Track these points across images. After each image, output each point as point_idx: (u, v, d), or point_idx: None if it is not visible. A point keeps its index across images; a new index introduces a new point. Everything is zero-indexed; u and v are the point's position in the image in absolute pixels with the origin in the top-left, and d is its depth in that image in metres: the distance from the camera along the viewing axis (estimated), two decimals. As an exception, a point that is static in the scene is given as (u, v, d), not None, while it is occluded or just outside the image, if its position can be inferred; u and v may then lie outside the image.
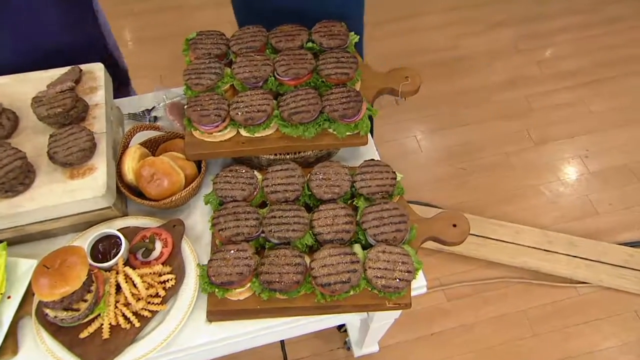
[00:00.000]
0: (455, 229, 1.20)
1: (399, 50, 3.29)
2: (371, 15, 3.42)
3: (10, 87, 1.30)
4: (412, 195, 2.59)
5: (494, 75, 3.18)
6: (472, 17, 3.50)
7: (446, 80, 3.14)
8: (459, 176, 2.73)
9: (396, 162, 2.74)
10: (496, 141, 2.86)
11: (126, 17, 3.34)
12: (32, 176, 1.13)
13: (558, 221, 2.57)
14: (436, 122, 2.95)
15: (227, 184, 1.19)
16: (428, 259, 2.40)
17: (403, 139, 2.87)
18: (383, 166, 1.22)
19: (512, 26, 3.44)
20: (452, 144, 2.86)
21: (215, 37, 1.34)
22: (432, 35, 3.39)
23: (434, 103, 3.01)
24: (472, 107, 3.01)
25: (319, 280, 1.05)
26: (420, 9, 3.57)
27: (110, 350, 1.04)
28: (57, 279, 0.98)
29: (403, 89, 1.32)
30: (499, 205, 2.61)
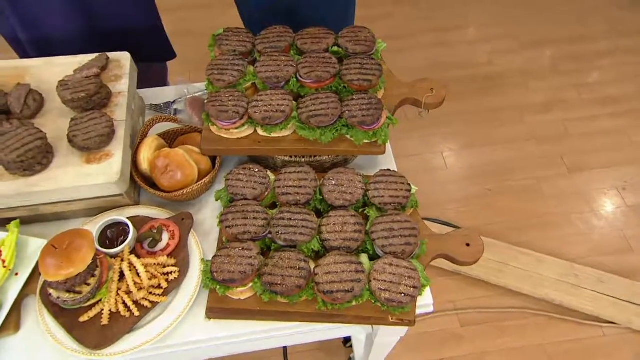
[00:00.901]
0: (468, 249, 1.19)
1: (430, 63, 3.30)
2: (404, 26, 3.48)
3: (40, 69, 1.37)
4: (433, 213, 2.58)
5: (529, 96, 3.15)
6: (509, 34, 3.49)
7: (478, 97, 3.12)
8: (485, 197, 2.70)
9: (419, 177, 2.74)
10: (527, 164, 2.82)
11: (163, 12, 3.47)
12: (51, 157, 1.18)
13: (587, 254, 2.51)
14: (464, 139, 2.93)
15: (239, 181, 1.22)
16: (443, 279, 2.38)
17: (428, 153, 2.86)
18: (398, 177, 1.23)
19: (552, 46, 3.41)
20: (479, 164, 2.84)
21: (242, 34, 1.38)
22: (466, 49, 3.39)
23: (464, 120, 3.00)
24: (503, 127, 2.99)
25: (321, 287, 1.06)
26: (455, 22, 3.57)
27: (108, 337, 1.07)
28: (63, 259, 1.03)
29: (427, 100, 1.34)
30: (525, 232, 2.57)
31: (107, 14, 1.51)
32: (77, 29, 1.50)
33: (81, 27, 1.50)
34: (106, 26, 1.53)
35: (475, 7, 3.68)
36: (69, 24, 1.48)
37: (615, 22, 3.55)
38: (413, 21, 3.58)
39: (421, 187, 2.68)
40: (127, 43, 1.45)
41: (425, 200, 2.59)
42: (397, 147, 2.80)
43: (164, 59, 1.84)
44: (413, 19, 3.60)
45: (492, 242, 2.51)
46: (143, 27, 1.59)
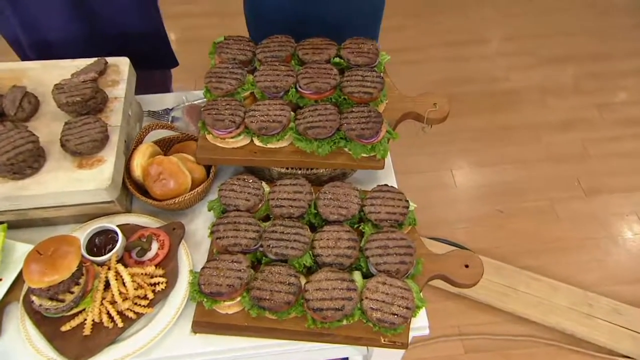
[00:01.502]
0: (467, 270, 1.19)
1: (444, 77, 3.32)
2: (418, 38, 3.51)
3: (38, 72, 1.41)
4: (441, 233, 2.57)
5: (547, 114, 3.14)
6: (528, 49, 3.49)
7: (492, 114, 3.12)
8: (495, 218, 2.68)
9: (427, 194, 2.74)
10: (541, 185, 2.81)
11: (170, 19, 3.54)
12: (42, 161, 1.21)
13: (603, 283, 2.47)
14: (475, 157, 2.93)
15: (232, 192, 1.23)
16: (448, 303, 2.36)
17: (437, 171, 2.86)
18: (396, 193, 1.23)
19: (572, 63, 3.40)
20: (491, 183, 2.83)
21: (243, 42, 1.41)
22: (482, 64, 3.40)
23: (476, 137, 3.00)
24: (518, 145, 2.98)
25: (311, 304, 1.06)
26: (471, 36, 3.59)
27: (89, 348, 1.08)
28: (47, 266, 1.04)
29: (429, 115, 1.34)
30: (536, 256, 2.54)
31: (109, 19, 1.55)
32: (78, 33, 1.54)
33: (82, 30, 1.54)
34: (107, 31, 1.57)
35: (493, 22, 3.70)
36: (69, 27, 1.52)
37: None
38: (427, 34, 3.60)
39: (429, 206, 2.69)
40: (127, 49, 1.49)
41: (433, 219, 2.61)
42: (404, 163, 2.83)
43: (166, 67, 1.88)
44: (427, 31, 3.63)
45: (501, 266, 2.48)
46: (145, 33, 1.63)
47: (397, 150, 2.87)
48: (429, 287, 2.32)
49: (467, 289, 2.35)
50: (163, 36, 1.75)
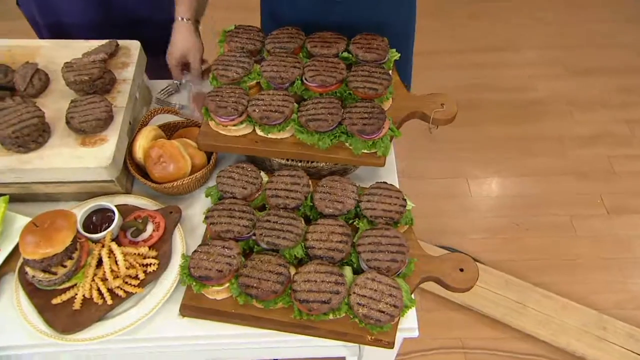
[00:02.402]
0: (461, 274, 1.20)
1: (466, 84, 3.32)
2: (443, 41, 3.52)
3: (51, 50, 1.48)
4: (451, 241, 2.57)
5: (573, 127, 3.11)
6: (557, 59, 3.47)
7: (516, 123, 3.11)
8: (510, 231, 2.67)
9: (440, 202, 2.75)
10: (561, 200, 2.78)
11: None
12: (47, 136, 1.27)
13: (619, 306, 2.44)
14: (494, 166, 2.92)
15: (230, 179, 1.28)
16: (452, 314, 2.36)
17: (452, 178, 2.86)
18: (394, 191, 1.26)
19: (604, 76, 3.37)
20: (508, 194, 2.82)
21: (253, 32, 1.46)
22: (509, 71, 3.39)
23: (496, 145, 3.00)
24: (540, 157, 2.96)
25: (298, 295, 1.10)
26: (500, 41, 3.58)
27: (77, 322, 1.13)
28: (42, 238, 1.10)
29: (435, 115, 1.36)
30: (550, 273, 2.52)
31: (123, 5, 1.61)
32: (93, 17, 1.61)
33: (97, 15, 1.61)
34: (121, 16, 1.63)
35: (524, 29, 3.69)
36: (84, 11, 1.59)
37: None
38: (453, 38, 3.61)
39: (441, 213, 2.70)
40: (141, 35, 1.54)
41: (444, 228, 2.62)
42: (418, 168, 2.85)
43: None
44: (453, 35, 3.63)
45: (512, 280, 2.47)
46: (158, 20, 1.67)
47: (410, 154, 2.92)
48: (432, 296, 2.36)
49: (475, 302, 2.36)
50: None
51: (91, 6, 1.59)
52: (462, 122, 3.05)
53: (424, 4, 3.78)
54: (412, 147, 3.01)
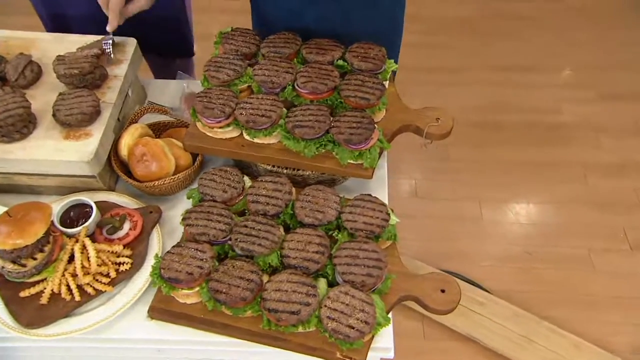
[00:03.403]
0: (443, 295, 1.21)
1: (488, 102, 3.32)
2: (464, 58, 3.53)
3: (47, 43, 1.55)
4: (457, 266, 2.56)
5: (599, 154, 3.08)
6: (587, 82, 3.45)
7: (537, 146, 3.10)
8: (522, 260, 2.64)
9: (449, 224, 2.74)
10: (580, 231, 2.75)
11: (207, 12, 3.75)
12: (32, 128, 1.33)
13: (637, 350, 2.38)
14: (509, 191, 2.90)
15: (212, 182, 1.31)
16: (453, 343, 2.34)
17: (464, 200, 2.85)
18: (378, 204, 1.27)
19: (636, 102, 3.33)
20: (522, 221, 2.79)
21: (249, 36, 1.50)
22: (533, 92, 3.39)
23: (513, 169, 2.98)
24: (560, 184, 2.94)
25: (267, 304, 1.12)
26: (525, 60, 3.58)
27: (43, 317, 1.17)
28: (14, 229, 1.15)
29: (430, 130, 1.38)
30: (562, 308, 2.48)
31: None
32: (95, 12, 1.68)
33: (99, 10, 1.68)
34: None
35: (551, 48, 3.68)
36: (86, 5, 1.66)
37: None
38: (474, 55, 3.63)
39: (450, 237, 2.69)
40: (142, 33, 1.60)
41: (452, 252, 2.61)
42: (429, 188, 2.86)
43: (180, 55, 2.00)
44: (475, 52, 3.65)
45: (519, 312, 2.44)
46: (161, 20, 1.73)
47: (422, 174, 2.92)
48: (433, 323, 2.34)
49: (478, 332, 2.34)
50: (181, 25, 1.88)
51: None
52: (480, 142, 3.08)
53: (449, 21, 3.84)
54: (424, 166, 3.02)
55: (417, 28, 3.77)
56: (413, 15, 3.77)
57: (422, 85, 3.39)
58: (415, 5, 3.87)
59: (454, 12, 3.94)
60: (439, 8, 3.97)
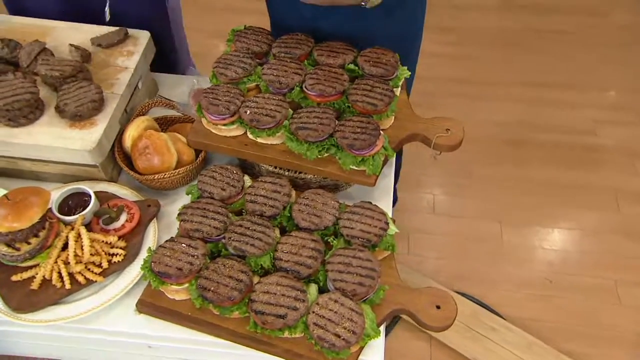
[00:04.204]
0: (438, 312, 1.21)
1: (520, 119, 3.30)
2: (494, 71, 3.52)
3: (63, 31, 1.63)
4: (473, 289, 2.54)
5: (633, 181, 3.02)
6: (625, 104, 3.40)
7: (566, 168, 3.05)
8: (541, 287, 2.60)
9: (467, 244, 2.73)
10: (608, 261, 2.69)
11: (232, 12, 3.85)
12: (38, 114, 1.40)
13: (661, 391, 2.32)
14: (533, 212, 2.87)
15: (211, 179, 1.35)
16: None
17: (484, 219, 2.83)
18: (378, 212, 1.29)
19: (679, 128, 3.26)
20: (545, 246, 2.75)
21: (262, 35, 1.55)
22: (566, 112, 3.35)
23: (539, 190, 2.95)
24: (588, 209, 2.89)
25: (254, 305, 1.14)
26: (562, 79, 3.54)
27: (32, 303, 1.22)
28: (11, 212, 1.20)
29: (438, 140, 1.39)
30: (583, 342, 2.43)
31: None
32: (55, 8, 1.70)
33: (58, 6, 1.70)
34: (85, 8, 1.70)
35: (589, 66, 3.64)
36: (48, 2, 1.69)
37: None
38: (506, 69, 3.61)
39: (467, 256, 2.67)
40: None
41: (466, 272, 2.60)
42: (449, 204, 2.86)
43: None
44: (507, 66, 3.63)
45: (536, 343, 2.40)
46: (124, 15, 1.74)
47: (443, 189, 2.91)
48: (441, 346, 2.32)
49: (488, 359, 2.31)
50: (165, 45, 1.88)
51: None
52: (505, 160, 3.06)
53: (482, 32, 3.83)
54: (445, 181, 3.01)
55: (448, 38, 3.78)
56: (445, 25, 3.82)
57: (449, 97, 3.40)
58: (447, 15, 3.91)
59: (487, 23, 3.94)
60: (472, 19, 3.97)
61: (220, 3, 4.00)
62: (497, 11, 4.05)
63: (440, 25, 3.76)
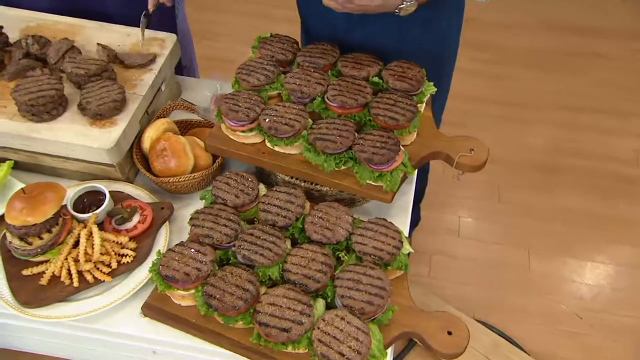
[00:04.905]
0: (449, 338, 1.20)
1: (557, 144, 3.25)
2: (537, 95, 3.49)
3: (92, 31, 1.70)
4: (493, 318, 2.50)
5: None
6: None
7: (603, 198, 3.00)
8: (569, 323, 2.55)
9: (493, 272, 2.70)
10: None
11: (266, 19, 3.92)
12: (61, 110, 1.45)
13: None
14: (564, 243, 2.81)
15: (226, 185, 1.38)
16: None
17: (509, 246, 2.79)
18: (392, 230, 1.29)
19: None
20: (575, 279, 2.70)
21: (287, 43, 1.58)
22: (607, 139, 3.29)
23: (573, 220, 2.90)
24: (626, 244, 2.83)
25: (258, 317, 1.16)
26: (604, 104, 3.49)
27: (40, 298, 1.26)
28: (26, 206, 1.25)
29: (460, 160, 1.39)
30: (610, 384, 2.37)
31: None
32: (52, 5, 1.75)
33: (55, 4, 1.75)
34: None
35: (636, 93, 3.57)
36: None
37: None
38: (545, 90, 3.57)
39: (492, 285, 2.63)
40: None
41: (489, 301, 2.56)
42: (476, 228, 2.83)
43: None
44: (546, 88, 3.59)
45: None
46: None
47: (471, 213, 2.88)
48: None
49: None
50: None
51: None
52: (538, 185, 3.02)
53: (520, 52, 3.80)
54: (472, 204, 2.99)
55: (485, 57, 3.77)
56: (481, 42, 3.81)
57: (483, 117, 3.38)
58: (485, 32, 3.89)
59: (526, 43, 3.91)
60: (510, 37, 3.95)
61: (256, 10, 4.08)
62: (535, 30, 4.02)
63: (477, 41, 3.75)
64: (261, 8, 4.06)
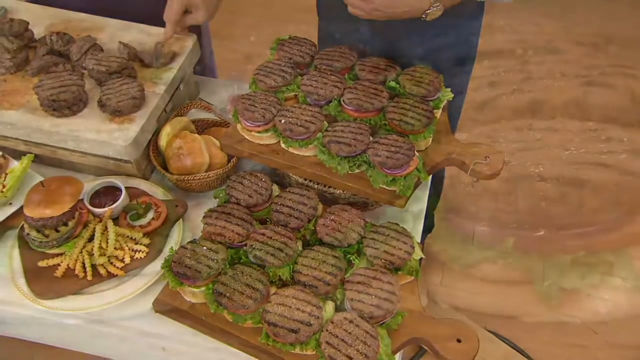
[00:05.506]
0: (458, 345, 1.20)
1: (573, 156, 3.21)
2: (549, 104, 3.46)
3: (115, 29, 1.73)
4: (504, 329, 2.48)
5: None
6: None
7: (627, 214, 2.94)
8: (584, 338, 2.52)
9: (504, 281, 2.67)
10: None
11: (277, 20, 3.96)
12: (82, 106, 1.48)
13: None
14: (581, 256, 2.78)
15: (240, 184, 1.39)
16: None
17: (524, 256, 2.77)
18: (404, 235, 1.29)
19: None
20: (592, 294, 2.65)
21: (305, 45, 1.59)
22: (628, 157, 3.23)
23: (588, 232, 2.86)
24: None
25: (267, 316, 1.17)
26: (628, 115, 3.44)
27: (54, 290, 1.29)
28: (44, 199, 1.28)
29: (475, 167, 1.39)
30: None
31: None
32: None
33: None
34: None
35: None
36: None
37: None
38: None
39: (501, 294, 2.60)
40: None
41: (499, 310, 2.55)
42: (486, 236, 2.81)
43: None
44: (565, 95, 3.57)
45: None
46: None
47: (484, 221, 2.86)
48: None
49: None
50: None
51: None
52: (557, 199, 2.97)
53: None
54: (487, 213, 2.97)
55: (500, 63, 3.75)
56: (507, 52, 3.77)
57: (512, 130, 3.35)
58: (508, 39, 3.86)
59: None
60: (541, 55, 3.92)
61: (274, 12, 4.11)
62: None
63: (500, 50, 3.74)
64: (280, 10, 4.09)
